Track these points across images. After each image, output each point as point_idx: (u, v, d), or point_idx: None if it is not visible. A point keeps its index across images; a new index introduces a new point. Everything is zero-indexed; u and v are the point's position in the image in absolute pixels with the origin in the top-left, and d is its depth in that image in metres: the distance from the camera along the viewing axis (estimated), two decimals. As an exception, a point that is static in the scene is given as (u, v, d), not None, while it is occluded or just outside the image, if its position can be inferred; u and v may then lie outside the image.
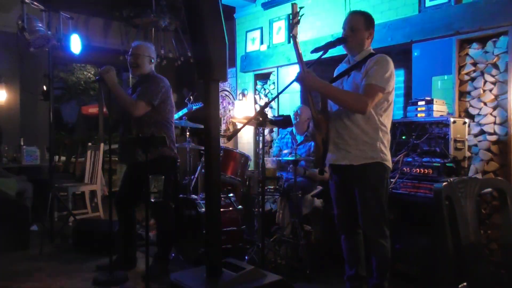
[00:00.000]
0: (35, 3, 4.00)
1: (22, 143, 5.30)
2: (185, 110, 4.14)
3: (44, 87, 3.92)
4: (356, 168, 2.35)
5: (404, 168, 2.98)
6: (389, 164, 2.41)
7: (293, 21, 2.40)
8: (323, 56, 2.39)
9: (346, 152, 2.37)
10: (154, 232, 3.80)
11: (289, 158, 3.40)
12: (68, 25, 4.47)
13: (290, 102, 4.76)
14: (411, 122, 3.06)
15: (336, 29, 4.14)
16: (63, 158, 7.65)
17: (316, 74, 2.40)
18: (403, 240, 2.86)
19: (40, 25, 3.97)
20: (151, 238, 3.54)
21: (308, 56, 2.66)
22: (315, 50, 2.38)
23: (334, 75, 2.59)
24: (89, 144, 5.47)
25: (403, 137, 3.08)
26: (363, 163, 2.34)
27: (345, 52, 2.56)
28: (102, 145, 5.18)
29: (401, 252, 2.84)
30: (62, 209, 4.81)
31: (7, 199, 3.97)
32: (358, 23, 2.41)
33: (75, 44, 4.04)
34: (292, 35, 2.42)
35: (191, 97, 4.20)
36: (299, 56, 2.41)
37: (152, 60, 3.25)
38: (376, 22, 2.53)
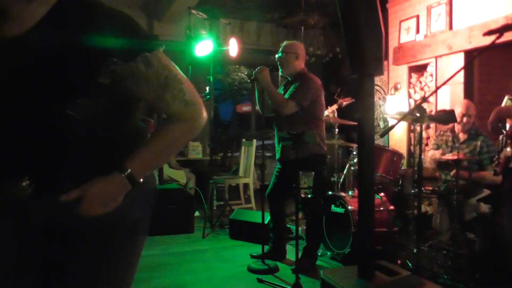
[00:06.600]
0: (199, 13, 4.46)
1: (188, 139, 5.98)
2: (335, 106, 4.11)
3: (207, 89, 4.35)
4: None
5: None
6: None
7: None
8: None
9: None
10: (303, 227, 3.88)
11: (450, 157, 3.07)
12: (226, 30, 4.87)
13: (451, 95, 4.31)
14: None
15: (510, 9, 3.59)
16: (220, 153, 8.40)
17: (483, 61, 2.08)
18: None
19: (204, 32, 4.41)
20: (300, 232, 3.62)
21: (476, 41, 2.34)
22: (488, 33, 2.08)
23: None
24: (243, 140, 5.86)
25: None
26: None
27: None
28: (254, 141, 5.50)
29: None
30: (219, 199, 5.30)
31: (177, 188, 4.54)
32: None
33: (233, 47, 4.36)
34: None
35: (340, 92, 4.14)
36: None
37: (298, 57, 3.31)
38: None
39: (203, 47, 4.32)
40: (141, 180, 1.03)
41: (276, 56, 3.38)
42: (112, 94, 1.01)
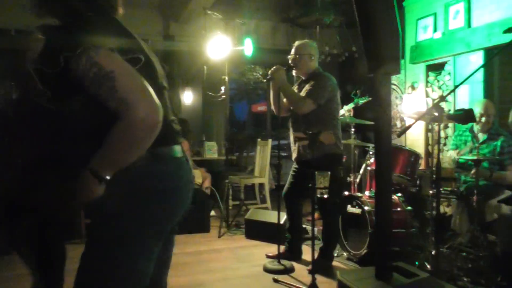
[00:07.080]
0: (215, 13, 4.48)
1: (204, 139, 6.03)
2: (351, 105, 4.07)
3: (222, 88, 4.36)
4: None
5: None
6: None
7: None
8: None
9: None
10: (319, 227, 3.86)
11: (469, 157, 3.01)
12: (241, 31, 4.88)
13: (470, 95, 4.22)
14: None
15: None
16: (236, 153, 8.42)
17: (503, 59, 2.05)
18: None
19: (219, 32, 4.42)
20: (316, 232, 3.60)
21: (496, 39, 2.29)
22: (509, 30, 2.03)
23: None
24: (258, 140, 5.86)
25: None
26: None
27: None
28: (270, 141, 5.49)
29: None
30: (235, 198, 5.30)
31: (194, 188, 4.56)
32: None
33: (248, 47, 4.37)
34: None
35: (357, 91, 4.11)
36: None
37: (312, 57, 3.28)
38: None
39: (219, 47, 4.33)
40: (107, 176, 1.10)
41: (289, 57, 3.35)
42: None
